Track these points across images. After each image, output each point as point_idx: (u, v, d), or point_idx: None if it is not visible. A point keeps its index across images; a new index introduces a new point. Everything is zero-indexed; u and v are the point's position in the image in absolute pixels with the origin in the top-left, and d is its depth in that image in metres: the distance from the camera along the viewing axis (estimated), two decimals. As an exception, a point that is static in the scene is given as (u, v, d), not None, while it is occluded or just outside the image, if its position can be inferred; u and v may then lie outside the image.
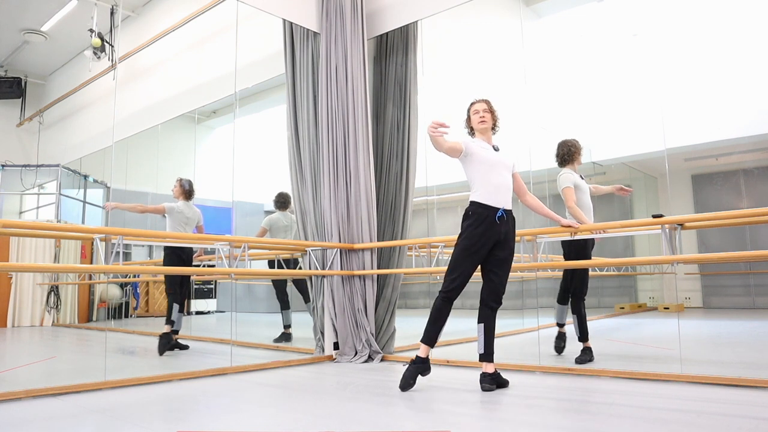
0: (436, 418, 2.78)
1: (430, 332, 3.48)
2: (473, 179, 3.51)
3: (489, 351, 3.41)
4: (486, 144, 3.57)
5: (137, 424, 2.66)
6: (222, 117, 6.78)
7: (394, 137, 5.32)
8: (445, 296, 3.45)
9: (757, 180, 6.06)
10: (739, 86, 5.37)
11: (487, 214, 3.42)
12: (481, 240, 3.41)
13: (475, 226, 3.42)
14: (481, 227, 3.40)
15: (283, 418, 2.84)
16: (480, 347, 3.42)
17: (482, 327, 3.43)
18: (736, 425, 2.46)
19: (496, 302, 3.46)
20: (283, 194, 6.26)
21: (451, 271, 3.46)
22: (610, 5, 6.21)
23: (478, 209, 3.44)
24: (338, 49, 5.12)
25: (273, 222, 6.19)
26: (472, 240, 3.42)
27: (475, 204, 3.47)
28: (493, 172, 3.48)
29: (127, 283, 6.43)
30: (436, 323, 3.47)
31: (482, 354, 3.42)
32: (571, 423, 2.60)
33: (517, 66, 5.43)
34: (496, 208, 3.43)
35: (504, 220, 3.44)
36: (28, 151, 6.77)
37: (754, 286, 6.33)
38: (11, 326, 5.93)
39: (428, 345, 3.49)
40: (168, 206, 5.36)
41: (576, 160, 4.47)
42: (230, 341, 5.08)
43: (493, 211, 3.42)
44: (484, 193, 3.45)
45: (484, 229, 3.40)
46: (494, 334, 3.47)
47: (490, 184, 3.46)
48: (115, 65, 5.94)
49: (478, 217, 3.43)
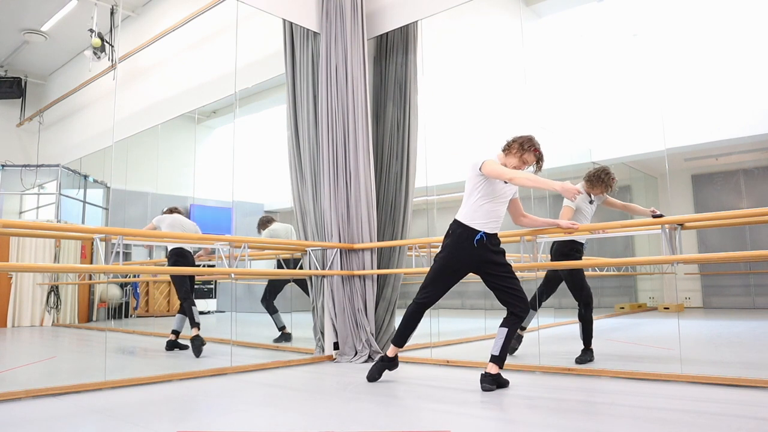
0: (436, 418, 2.78)
1: (401, 334, 3.67)
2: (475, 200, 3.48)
3: (503, 355, 3.43)
4: None
5: (137, 424, 2.66)
6: (222, 117, 6.78)
7: (394, 137, 5.32)
8: (418, 306, 3.61)
9: (757, 180, 6.06)
10: (739, 86, 5.37)
11: (467, 235, 3.44)
12: (458, 262, 3.47)
13: (453, 245, 3.48)
14: (459, 248, 3.45)
15: (283, 418, 2.84)
16: (495, 349, 3.43)
17: (505, 331, 3.44)
18: (736, 425, 2.46)
19: (524, 311, 3.47)
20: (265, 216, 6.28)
21: (426, 285, 3.60)
22: (610, 5, 6.21)
23: (459, 228, 3.47)
24: (338, 49, 5.12)
25: (273, 233, 6.17)
26: (447, 260, 3.50)
27: (458, 223, 3.50)
28: (498, 203, 3.51)
29: (127, 283, 6.43)
30: (407, 327, 3.65)
31: (495, 356, 3.42)
32: (571, 423, 2.60)
33: (517, 66, 5.43)
34: (477, 230, 3.44)
35: (483, 243, 3.44)
36: (28, 151, 6.77)
37: (754, 286, 6.32)
38: (11, 326, 5.93)
39: (397, 346, 3.71)
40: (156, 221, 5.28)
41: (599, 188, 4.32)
42: (230, 341, 5.08)
43: (473, 234, 3.43)
44: (472, 216, 3.46)
45: (461, 251, 3.45)
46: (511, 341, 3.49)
47: (488, 211, 3.47)
48: (115, 65, 5.94)
49: (457, 237, 3.47)
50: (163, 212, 5.41)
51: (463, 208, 3.52)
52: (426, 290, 3.59)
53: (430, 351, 4.96)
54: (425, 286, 3.60)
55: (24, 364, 4.45)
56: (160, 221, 5.25)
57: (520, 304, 3.46)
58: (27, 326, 6.01)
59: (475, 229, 3.44)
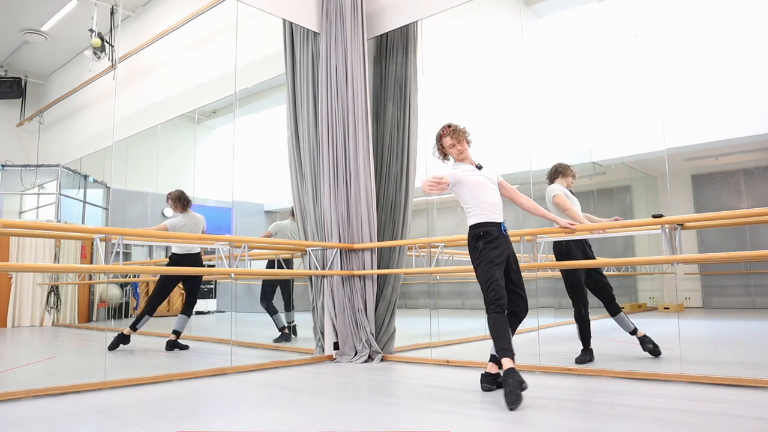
0: (436, 418, 2.78)
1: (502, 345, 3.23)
2: (468, 202, 3.52)
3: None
4: (468, 166, 3.57)
5: (137, 424, 2.66)
6: (222, 117, 6.78)
7: (394, 137, 5.32)
8: (495, 308, 3.29)
9: (757, 180, 6.06)
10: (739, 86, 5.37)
11: (494, 229, 3.44)
12: (499, 252, 3.43)
13: (489, 242, 3.41)
14: (495, 242, 3.42)
15: (283, 418, 2.84)
16: (495, 349, 3.41)
17: None
18: (736, 425, 2.46)
19: (524, 312, 3.47)
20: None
21: (488, 285, 3.33)
22: (610, 5, 6.21)
23: (485, 228, 3.45)
24: (338, 49, 5.12)
25: (280, 228, 6.18)
26: (491, 254, 3.38)
27: (480, 225, 3.46)
28: (484, 191, 3.51)
29: (127, 283, 6.43)
30: (500, 335, 3.26)
31: (494, 356, 3.41)
32: (571, 423, 2.60)
33: (517, 66, 5.43)
34: (498, 222, 3.46)
35: (506, 233, 3.49)
36: (28, 151, 6.77)
37: (754, 286, 6.32)
38: (11, 326, 5.94)
39: (510, 358, 3.19)
40: (170, 224, 5.30)
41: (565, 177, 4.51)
42: (230, 341, 5.08)
43: (498, 225, 3.45)
44: (483, 213, 3.47)
45: (498, 243, 3.43)
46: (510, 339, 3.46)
47: (485, 203, 3.48)
48: (115, 65, 5.94)
49: (488, 234, 3.43)
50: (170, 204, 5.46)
51: (471, 215, 3.52)
52: (490, 287, 3.29)
53: (430, 351, 4.96)
54: (488, 286, 3.31)
55: (24, 364, 4.45)
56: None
57: (524, 306, 3.46)
58: (27, 326, 6.01)
59: (496, 222, 3.45)
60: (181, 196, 5.42)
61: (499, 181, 3.63)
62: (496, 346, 3.27)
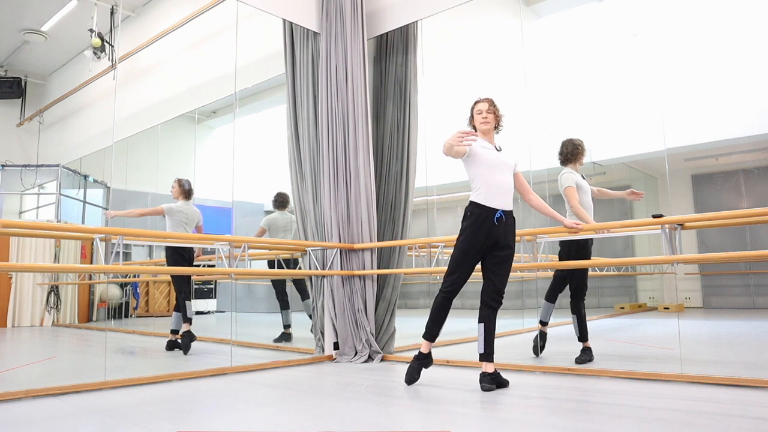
0: (436, 418, 2.78)
1: (431, 329, 3.62)
2: (475, 179, 3.51)
3: (489, 351, 3.42)
4: (488, 144, 3.57)
5: (137, 424, 2.66)
6: (222, 117, 6.78)
7: (394, 137, 5.32)
8: (445, 295, 3.53)
9: (757, 180, 6.06)
10: (739, 86, 5.37)
11: (486, 215, 3.43)
12: (479, 241, 3.43)
13: (473, 227, 3.44)
14: (480, 228, 3.42)
15: (283, 418, 2.84)
16: (480, 347, 3.43)
17: (482, 327, 3.43)
18: (736, 425, 2.46)
19: (497, 302, 3.46)
20: (282, 194, 6.27)
21: (451, 272, 3.52)
22: (610, 5, 6.21)
23: (476, 210, 3.46)
24: (338, 49, 5.12)
25: (271, 221, 6.20)
26: (470, 241, 3.45)
27: (474, 204, 3.48)
28: (495, 172, 3.49)
29: (127, 283, 6.43)
30: (436, 321, 3.59)
31: (482, 354, 3.42)
32: (571, 423, 2.60)
33: (517, 66, 5.43)
34: (495, 209, 3.44)
35: (503, 222, 3.45)
36: (28, 151, 6.77)
37: (754, 286, 6.33)
38: (11, 326, 5.94)
39: (429, 341, 3.63)
40: (167, 207, 5.35)
41: (579, 160, 4.46)
42: (230, 341, 5.08)
43: (492, 213, 3.43)
44: (484, 194, 3.46)
45: (482, 231, 3.42)
46: (494, 334, 3.47)
47: (491, 184, 3.46)
48: (115, 65, 5.94)
49: (476, 218, 3.44)
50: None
51: (473, 191, 3.51)
52: (452, 276, 3.49)
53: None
54: (450, 273, 3.51)
55: (24, 364, 4.45)
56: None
57: (500, 299, 3.46)
58: (27, 326, 6.01)
59: (492, 208, 3.43)
60: (188, 186, 5.50)
61: (515, 171, 3.63)
62: (426, 327, 3.60)
